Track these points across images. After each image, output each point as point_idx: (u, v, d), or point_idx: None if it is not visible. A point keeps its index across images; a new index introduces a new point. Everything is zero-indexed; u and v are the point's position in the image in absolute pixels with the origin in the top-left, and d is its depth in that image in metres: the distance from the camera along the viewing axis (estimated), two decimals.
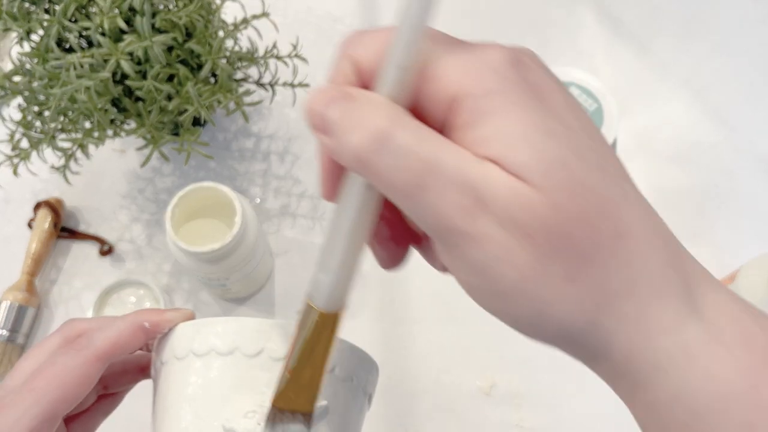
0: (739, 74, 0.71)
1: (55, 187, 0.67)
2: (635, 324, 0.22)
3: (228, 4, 0.58)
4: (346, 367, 0.33)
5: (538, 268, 0.21)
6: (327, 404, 0.32)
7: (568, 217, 0.21)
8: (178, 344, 0.33)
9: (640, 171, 0.67)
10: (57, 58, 0.51)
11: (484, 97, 0.22)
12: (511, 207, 0.21)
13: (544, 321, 0.23)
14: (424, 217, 0.22)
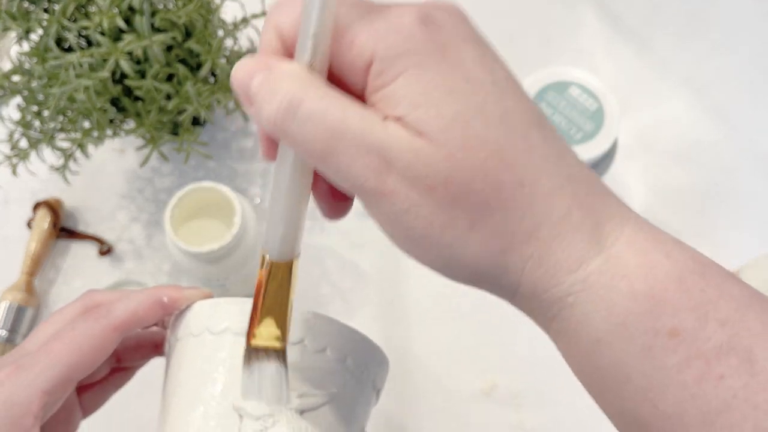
0: (740, 72, 0.71)
1: (54, 187, 0.67)
2: (539, 264, 0.23)
3: (227, 4, 0.58)
4: (357, 358, 0.33)
5: (441, 217, 0.23)
6: (336, 393, 0.32)
7: (466, 169, 0.22)
8: (195, 321, 0.33)
9: (641, 170, 0.67)
10: (56, 58, 0.50)
11: (392, 59, 0.23)
12: (413, 164, 0.23)
13: (454, 264, 0.25)
14: (337, 178, 0.24)
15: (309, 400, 0.32)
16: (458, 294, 0.63)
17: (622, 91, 0.69)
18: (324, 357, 0.32)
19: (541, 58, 0.72)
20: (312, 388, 0.32)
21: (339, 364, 0.33)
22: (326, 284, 0.62)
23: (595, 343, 0.23)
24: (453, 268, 0.25)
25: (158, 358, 0.39)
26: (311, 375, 0.32)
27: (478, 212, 0.23)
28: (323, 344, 0.32)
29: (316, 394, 0.32)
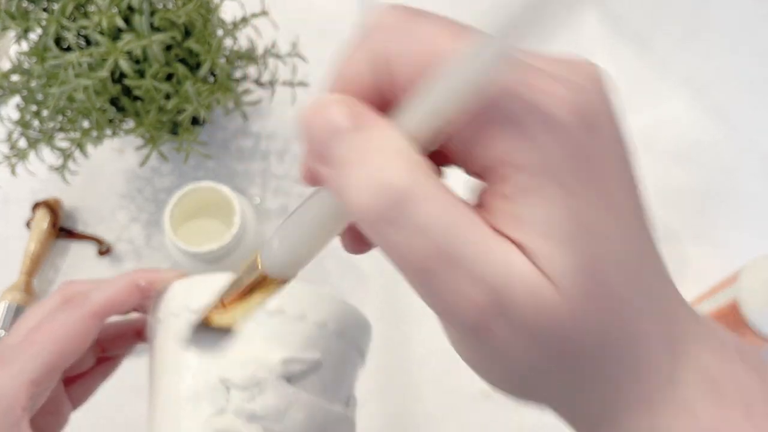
0: (741, 72, 0.71)
1: (53, 187, 0.67)
2: (616, 399, 0.20)
3: (227, 3, 0.58)
4: (339, 323, 0.33)
5: (539, 372, 0.20)
6: (320, 358, 0.32)
7: (586, 329, 0.19)
8: (174, 301, 0.34)
9: (642, 170, 0.67)
10: (55, 57, 0.50)
11: (531, 170, 0.18)
12: (529, 312, 0.18)
13: (538, 403, 0.21)
14: (427, 299, 0.20)
15: (294, 366, 0.32)
16: None
17: (622, 91, 0.69)
18: (305, 323, 0.32)
19: None
20: (296, 355, 0.32)
21: (320, 329, 0.32)
22: (326, 284, 0.62)
23: None
24: (533, 402, 0.21)
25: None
26: (293, 341, 0.32)
27: (580, 377, 0.20)
28: (303, 310, 0.32)
29: (300, 360, 0.32)
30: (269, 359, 0.31)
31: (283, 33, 0.61)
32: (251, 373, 0.31)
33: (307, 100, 0.20)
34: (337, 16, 0.75)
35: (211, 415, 0.31)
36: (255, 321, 0.31)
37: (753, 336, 0.51)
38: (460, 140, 0.19)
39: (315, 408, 0.32)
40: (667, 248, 0.70)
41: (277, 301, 0.31)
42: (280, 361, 0.31)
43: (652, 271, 0.20)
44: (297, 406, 0.31)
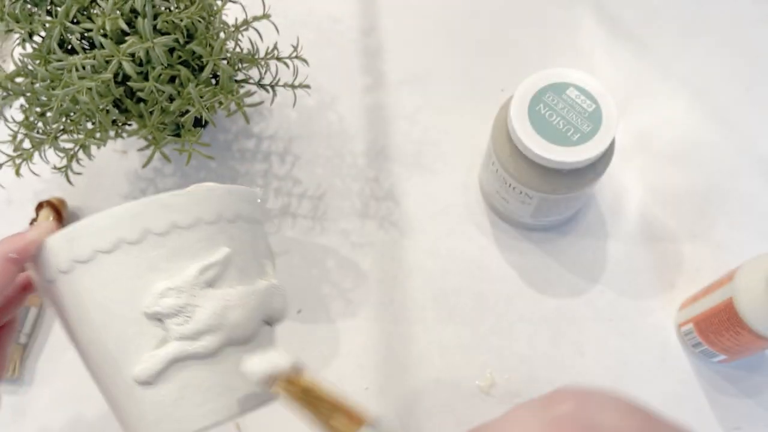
0: (739, 74, 0.72)
1: (56, 188, 0.67)
2: None
3: (229, 6, 0.58)
4: (230, 209, 0.34)
5: None
6: (228, 251, 0.33)
7: None
8: (57, 259, 0.32)
9: (640, 171, 0.67)
10: (59, 60, 0.51)
11: None
12: None
13: None
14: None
15: (210, 271, 0.32)
16: (458, 294, 0.63)
17: (621, 93, 0.70)
18: (200, 227, 0.32)
19: (539, 60, 0.73)
20: (206, 261, 0.32)
21: (216, 224, 0.33)
22: (326, 284, 0.63)
23: None
24: None
25: None
26: (198, 249, 0.32)
27: None
28: (194, 217, 0.32)
29: (213, 263, 0.32)
30: (185, 277, 0.31)
31: (284, 35, 0.62)
32: (174, 298, 0.31)
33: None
34: (338, 19, 0.75)
35: (155, 348, 0.31)
36: (151, 248, 0.31)
37: (749, 334, 0.51)
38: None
39: (245, 297, 0.32)
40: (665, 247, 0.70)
41: (167, 219, 0.31)
42: (196, 273, 0.32)
43: None
44: (230, 305, 0.32)
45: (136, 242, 0.31)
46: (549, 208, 0.59)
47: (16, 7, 0.53)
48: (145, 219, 0.31)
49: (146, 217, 0.31)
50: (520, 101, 0.55)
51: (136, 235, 0.31)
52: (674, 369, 0.60)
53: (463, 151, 0.69)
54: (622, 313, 0.62)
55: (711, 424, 0.58)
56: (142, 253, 0.31)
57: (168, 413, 0.32)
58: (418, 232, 0.65)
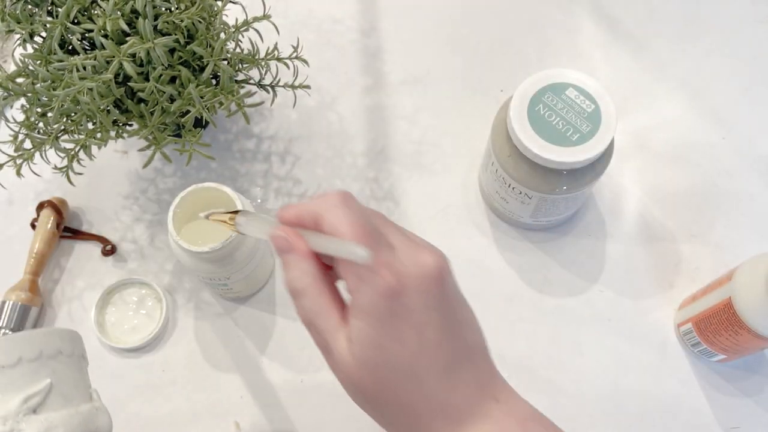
0: (737, 74, 0.72)
1: (57, 188, 0.67)
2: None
3: (229, 6, 0.59)
4: (50, 347, 0.39)
5: (350, 393, 0.37)
6: (49, 381, 0.38)
7: (368, 387, 0.35)
8: None
9: (639, 171, 0.67)
10: (60, 60, 0.51)
11: (359, 306, 0.35)
12: (342, 365, 0.36)
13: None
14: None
15: (34, 399, 0.37)
16: None
17: (619, 93, 0.70)
18: (23, 364, 0.38)
19: (538, 61, 0.73)
20: (29, 391, 0.37)
21: (38, 360, 0.38)
22: None
23: None
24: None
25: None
26: (22, 382, 0.38)
27: (374, 407, 0.36)
28: (16, 356, 0.38)
29: (36, 392, 0.38)
30: (10, 407, 0.37)
31: (284, 36, 0.62)
32: (0, 426, 0.36)
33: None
34: (338, 20, 0.75)
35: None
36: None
37: (748, 334, 0.52)
38: (340, 267, 0.36)
39: (68, 418, 0.38)
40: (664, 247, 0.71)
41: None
42: (20, 402, 0.37)
43: (435, 378, 0.35)
44: (53, 426, 0.37)
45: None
46: (548, 208, 0.59)
47: (17, 8, 0.53)
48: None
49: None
50: (519, 102, 0.55)
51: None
52: (673, 368, 0.60)
53: (463, 151, 0.69)
54: (621, 313, 0.62)
55: (710, 423, 0.58)
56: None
57: None
58: (418, 232, 0.65)
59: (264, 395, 0.60)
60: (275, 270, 0.64)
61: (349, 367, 0.35)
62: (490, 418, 0.36)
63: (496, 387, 0.37)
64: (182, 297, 0.63)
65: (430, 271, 0.35)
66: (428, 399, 0.35)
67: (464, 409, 0.35)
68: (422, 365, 0.35)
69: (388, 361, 0.34)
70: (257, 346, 0.61)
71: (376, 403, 0.36)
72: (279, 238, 0.37)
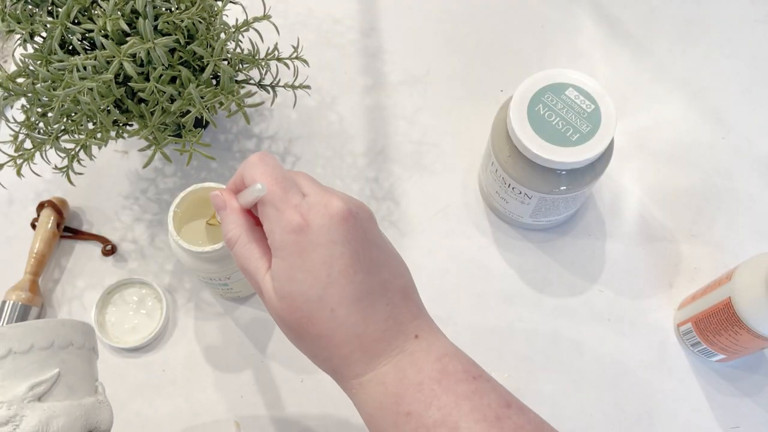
0: (737, 75, 0.72)
1: (57, 188, 0.67)
2: (336, 372, 0.40)
3: (229, 7, 0.59)
4: (62, 337, 0.40)
5: (280, 328, 0.41)
6: (58, 371, 0.39)
7: (286, 316, 0.39)
8: None
9: (638, 171, 0.67)
10: (60, 60, 0.51)
11: (274, 244, 0.39)
12: (267, 300, 0.40)
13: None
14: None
15: (40, 387, 0.38)
16: (456, 294, 0.63)
17: (619, 93, 0.70)
18: (34, 352, 0.39)
19: (538, 61, 0.73)
20: (36, 379, 0.38)
21: (48, 349, 0.39)
22: None
23: (369, 416, 0.39)
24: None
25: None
26: (31, 370, 0.39)
27: (297, 338, 0.40)
28: (28, 344, 0.39)
29: (43, 380, 0.38)
30: (16, 392, 0.38)
31: (284, 36, 0.62)
32: (5, 410, 0.37)
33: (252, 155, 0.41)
34: (338, 20, 0.75)
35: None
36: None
37: (747, 334, 0.52)
38: (259, 215, 0.41)
39: (70, 409, 0.39)
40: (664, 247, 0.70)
41: (5, 346, 0.38)
42: (27, 389, 0.38)
43: (345, 308, 0.38)
44: (55, 415, 0.38)
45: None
46: (548, 208, 0.59)
47: (17, 8, 0.53)
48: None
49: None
50: (519, 102, 0.55)
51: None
52: (673, 368, 0.60)
53: (463, 151, 0.69)
54: (620, 313, 0.62)
55: (710, 423, 0.59)
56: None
57: None
58: (418, 232, 0.66)
59: (264, 395, 0.60)
60: None
61: (273, 301, 0.39)
62: (405, 351, 0.39)
63: (419, 326, 0.40)
64: (182, 297, 0.63)
65: (336, 211, 0.38)
66: (343, 329, 0.38)
67: (381, 342, 0.38)
68: (332, 295, 0.38)
69: (301, 291, 0.38)
70: (257, 346, 0.62)
71: (299, 333, 0.39)
72: (215, 197, 0.43)
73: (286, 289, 0.38)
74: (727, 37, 0.74)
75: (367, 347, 0.38)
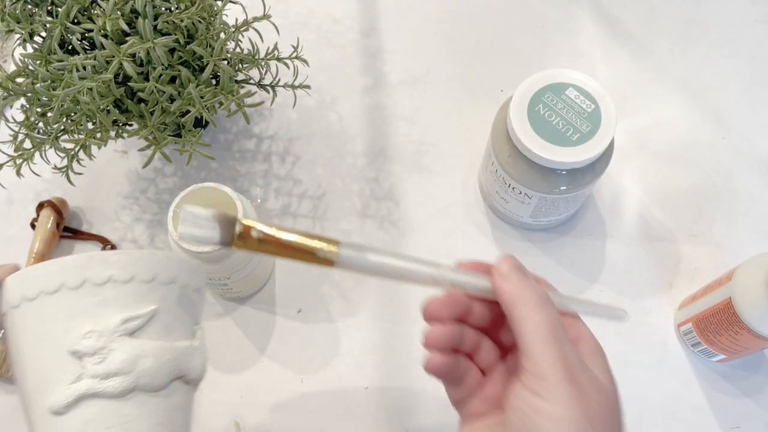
0: (737, 74, 0.72)
1: (57, 188, 0.67)
2: None
3: (229, 6, 0.59)
4: (167, 273, 0.38)
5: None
6: (155, 308, 0.37)
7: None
8: (11, 295, 0.37)
9: (638, 171, 0.67)
10: (60, 60, 0.51)
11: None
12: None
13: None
14: None
15: (133, 322, 0.36)
16: None
17: (619, 93, 0.70)
18: (134, 283, 0.37)
19: (538, 60, 0.73)
20: (131, 313, 0.36)
21: (149, 284, 0.37)
22: (327, 284, 0.63)
23: None
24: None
25: None
26: (128, 302, 0.36)
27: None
28: (130, 273, 0.37)
29: (138, 315, 0.36)
30: (109, 323, 0.35)
31: (284, 36, 0.62)
32: (94, 340, 0.35)
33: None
34: (338, 20, 0.75)
35: (71, 383, 0.35)
36: (87, 295, 0.36)
37: (748, 334, 0.52)
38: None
39: (161, 351, 0.37)
40: (664, 247, 0.70)
41: (104, 273, 0.36)
42: (120, 321, 0.36)
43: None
44: (144, 354, 0.36)
45: (75, 288, 0.36)
46: (548, 208, 0.59)
47: (16, 8, 0.53)
48: (86, 270, 0.36)
49: (89, 269, 0.36)
50: (519, 102, 0.55)
51: (76, 282, 0.36)
52: (673, 368, 0.60)
53: (463, 151, 0.69)
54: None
55: (710, 423, 0.58)
56: (79, 297, 0.36)
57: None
58: (418, 232, 0.65)
59: (264, 395, 0.60)
60: (275, 270, 0.64)
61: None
62: None
63: None
64: None
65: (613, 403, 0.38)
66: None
67: None
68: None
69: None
70: (257, 346, 0.61)
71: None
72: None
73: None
74: (728, 37, 0.74)
75: None
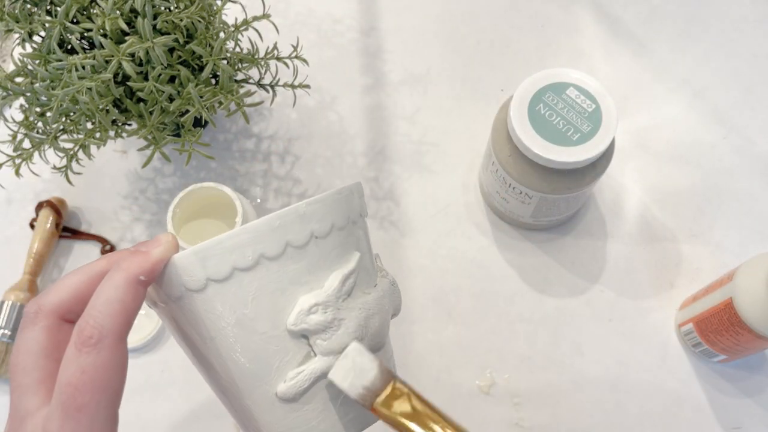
0: (738, 74, 0.72)
1: (56, 188, 0.67)
2: None
3: (229, 6, 0.58)
4: (353, 211, 0.33)
5: None
6: (359, 255, 0.31)
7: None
8: (188, 278, 0.30)
9: (639, 171, 0.67)
10: (59, 60, 0.51)
11: None
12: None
13: None
14: None
15: (349, 280, 0.31)
16: (457, 294, 0.63)
17: (620, 93, 0.70)
18: (333, 234, 0.31)
19: (539, 60, 0.73)
20: (345, 269, 0.31)
21: (344, 229, 0.32)
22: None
23: None
24: None
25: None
26: (334, 257, 0.31)
27: None
28: (329, 225, 0.31)
29: (351, 270, 0.31)
30: (328, 290, 0.30)
31: (284, 35, 0.62)
32: (321, 314, 0.30)
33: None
34: (338, 20, 0.75)
35: (300, 365, 0.30)
36: (293, 261, 0.30)
37: (749, 334, 0.51)
38: None
39: (379, 300, 0.32)
40: (664, 247, 0.70)
41: (306, 230, 0.30)
42: (338, 285, 0.31)
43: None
44: (370, 312, 0.31)
45: (276, 257, 0.30)
46: (549, 208, 0.59)
47: (15, 7, 0.53)
48: (285, 232, 0.30)
49: (286, 230, 0.30)
50: (519, 101, 0.55)
51: (277, 250, 0.30)
52: (674, 369, 0.60)
53: (463, 151, 0.69)
54: (621, 313, 0.62)
55: (711, 423, 0.58)
56: (283, 267, 0.30)
57: (313, 426, 0.31)
58: (418, 232, 0.65)
59: None
60: None
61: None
62: None
63: None
64: None
65: None
66: None
67: None
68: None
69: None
70: None
71: None
72: None
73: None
74: (728, 36, 0.73)
75: None
